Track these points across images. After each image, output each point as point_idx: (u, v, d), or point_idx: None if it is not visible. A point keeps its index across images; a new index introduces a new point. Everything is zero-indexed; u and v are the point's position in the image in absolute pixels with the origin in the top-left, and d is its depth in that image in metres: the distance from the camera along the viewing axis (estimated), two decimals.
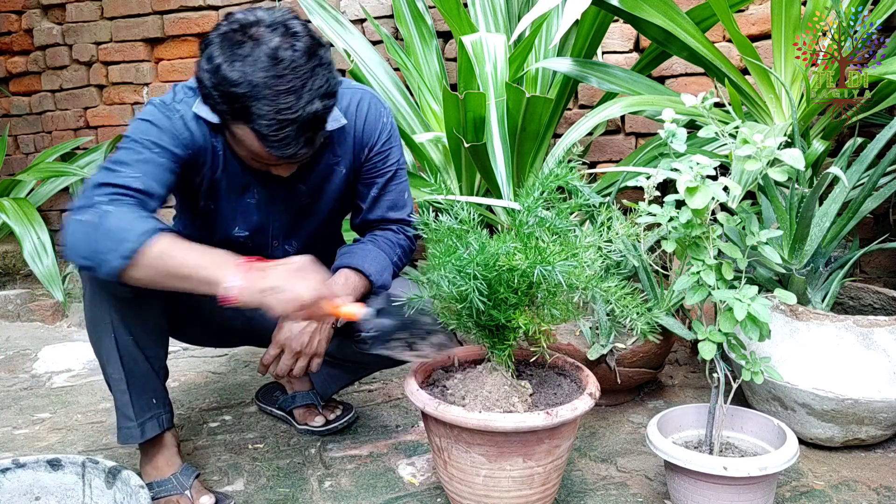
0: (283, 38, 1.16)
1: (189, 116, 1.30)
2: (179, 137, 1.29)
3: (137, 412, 1.36)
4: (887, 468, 1.49)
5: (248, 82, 1.14)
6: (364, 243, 1.52)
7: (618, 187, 1.79)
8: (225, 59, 1.16)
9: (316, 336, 1.40)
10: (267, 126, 1.16)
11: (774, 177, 1.18)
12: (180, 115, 1.30)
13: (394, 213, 1.53)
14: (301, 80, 1.16)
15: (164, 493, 1.37)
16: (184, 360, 2.19)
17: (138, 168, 1.22)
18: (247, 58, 1.15)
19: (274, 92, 1.14)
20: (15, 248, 2.82)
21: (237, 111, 1.17)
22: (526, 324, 1.19)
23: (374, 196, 1.51)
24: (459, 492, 1.24)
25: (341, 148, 1.44)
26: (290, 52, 1.16)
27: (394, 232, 1.54)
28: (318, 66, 1.19)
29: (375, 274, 1.44)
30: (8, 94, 3.32)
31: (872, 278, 2.33)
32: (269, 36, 1.16)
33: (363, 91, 1.48)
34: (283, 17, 1.20)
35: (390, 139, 1.49)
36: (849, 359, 1.44)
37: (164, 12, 2.96)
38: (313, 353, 1.40)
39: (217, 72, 1.16)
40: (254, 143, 1.21)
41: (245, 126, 1.19)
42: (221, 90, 1.17)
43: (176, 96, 1.33)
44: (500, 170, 1.94)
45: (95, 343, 1.35)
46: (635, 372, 1.72)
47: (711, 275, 1.19)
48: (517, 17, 2.29)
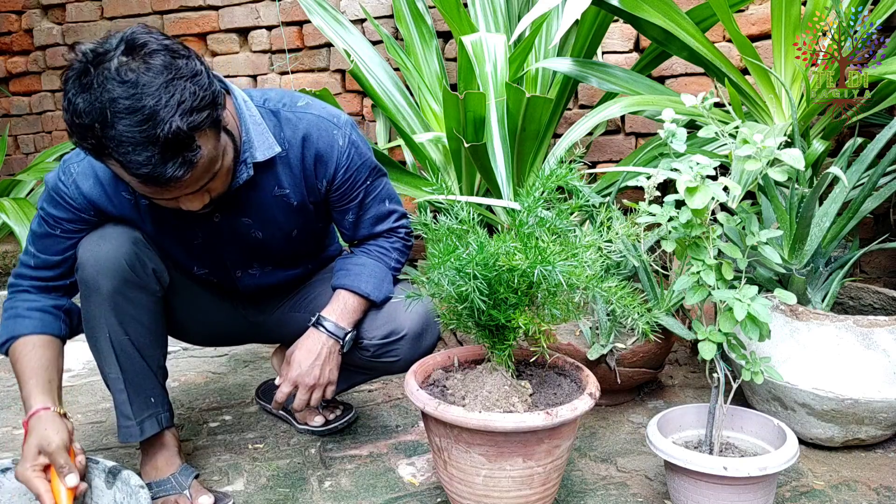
0: (128, 57, 1.06)
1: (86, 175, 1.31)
2: (74, 205, 1.32)
3: (136, 411, 1.37)
4: (887, 468, 1.49)
5: (95, 109, 1.04)
6: (357, 256, 1.50)
7: (618, 187, 1.79)
8: (75, 92, 1.06)
9: (326, 367, 1.42)
10: (125, 153, 1.05)
11: (774, 177, 1.18)
12: (73, 178, 1.31)
13: (380, 227, 1.49)
14: (154, 99, 1.04)
15: (162, 492, 1.37)
16: (184, 360, 2.19)
17: (40, 244, 1.35)
18: (93, 86, 1.04)
19: (124, 114, 1.03)
20: (15, 248, 2.82)
21: (97, 146, 1.07)
22: (526, 324, 1.19)
23: (353, 221, 1.47)
24: (459, 492, 1.24)
25: (287, 178, 1.37)
26: (137, 71, 1.05)
27: (385, 238, 1.52)
28: (174, 79, 1.06)
29: (374, 291, 1.45)
30: (8, 94, 3.32)
31: (872, 278, 2.33)
32: (112, 57, 1.05)
33: (309, 120, 1.36)
34: (130, 33, 1.09)
35: (350, 163, 1.38)
36: (849, 359, 1.44)
37: (164, 12, 2.96)
38: (327, 383, 1.43)
39: (69, 108, 1.07)
40: (127, 177, 1.10)
41: (112, 161, 1.09)
42: (77, 125, 1.07)
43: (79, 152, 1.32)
44: (500, 170, 1.94)
45: (92, 343, 1.35)
46: (635, 372, 1.72)
47: (711, 275, 1.19)
48: (517, 17, 2.29)
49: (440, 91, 2.17)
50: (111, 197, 1.32)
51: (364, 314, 1.47)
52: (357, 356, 1.50)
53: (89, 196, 1.31)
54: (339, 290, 1.45)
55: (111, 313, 1.31)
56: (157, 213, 1.35)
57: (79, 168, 1.31)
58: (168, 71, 1.06)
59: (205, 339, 1.65)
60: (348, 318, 1.43)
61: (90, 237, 1.32)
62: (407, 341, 1.45)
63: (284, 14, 2.84)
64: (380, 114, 2.70)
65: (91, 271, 1.29)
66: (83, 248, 1.31)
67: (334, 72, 2.87)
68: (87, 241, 1.32)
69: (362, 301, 1.45)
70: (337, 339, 1.42)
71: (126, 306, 1.32)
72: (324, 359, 1.41)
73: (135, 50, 1.07)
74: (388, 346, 1.46)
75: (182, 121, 1.05)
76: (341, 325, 1.42)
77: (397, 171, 2.15)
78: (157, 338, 1.40)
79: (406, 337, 1.44)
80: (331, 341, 1.42)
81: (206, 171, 1.15)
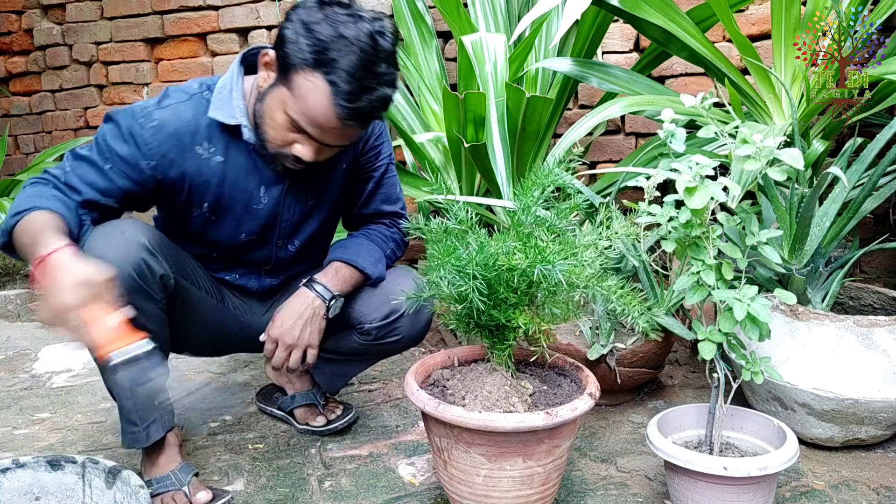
0: (376, 26, 1.21)
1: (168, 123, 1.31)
2: (143, 149, 1.31)
3: (142, 416, 1.36)
4: (887, 468, 1.49)
5: (347, 38, 1.18)
6: (357, 237, 1.56)
7: (618, 187, 1.79)
8: (324, 18, 1.20)
9: (307, 328, 1.43)
10: (347, 82, 1.19)
11: (774, 177, 1.18)
12: (154, 123, 1.31)
13: (387, 207, 1.57)
14: (387, 64, 1.22)
15: (162, 489, 1.37)
16: (184, 360, 2.19)
17: (80, 168, 1.30)
18: (347, 24, 1.19)
19: (369, 56, 1.19)
20: None
21: (321, 59, 1.19)
22: (526, 323, 1.19)
23: (370, 190, 1.55)
24: (459, 492, 1.24)
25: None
26: (381, 40, 1.21)
27: (386, 226, 1.58)
28: (395, 63, 1.25)
29: (370, 266, 1.49)
30: (8, 94, 3.32)
31: (872, 278, 2.33)
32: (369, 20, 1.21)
33: None
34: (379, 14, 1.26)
35: (382, 133, 1.52)
36: (849, 359, 1.44)
37: (164, 12, 2.96)
38: (307, 345, 1.44)
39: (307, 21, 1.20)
40: (319, 97, 1.21)
41: (320, 76, 1.20)
42: (313, 37, 1.19)
43: (161, 103, 1.34)
44: (499, 170, 1.94)
45: None
46: (635, 372, 1.72)
47: (711, 275, 1.19)
48: (517, 17, 2.29)
49: (440, 91, 2.16)
50: (185, 151, 1.34)
51: (355, 289, 1.49)
52: (358, 341, 1.52)
53: (164, 145, 1.32)
54: (334, 261, 1.49)
55: None
56: (229, 171, 1.37)
57: (162, 115, 1.32)
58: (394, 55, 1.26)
59: (204, 349, 1.64)
60: (339, 284, 1.46)
61: (94, 243, 1.26)
62: (406, 318, 1.49)
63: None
64: None
65: None
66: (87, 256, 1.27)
67: None
68: (91, 248, 1.25)
69: (356, 273, 1.48)
70: (323, 300, 1.44)
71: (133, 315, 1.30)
72: (306, 319, 1.42)
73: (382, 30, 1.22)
74: (388, 327, 1.50)
75: (391, 92, 1.25)
76: (329, 288, 1.45)
77: (397, 171, 2.14)
78: (162, 344, 1.39)
79: (406, 314, 1.48)
80: (317, 301, 1.44)
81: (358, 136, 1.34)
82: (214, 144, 1.36)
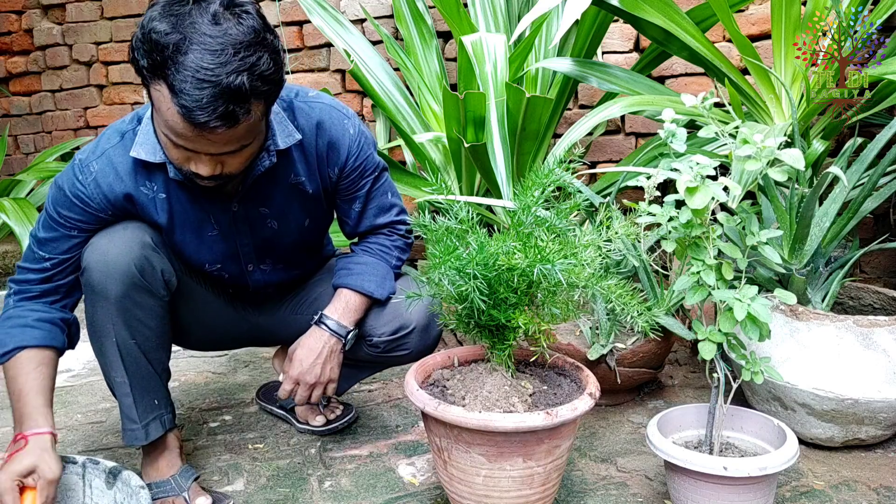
0: (226, 10, 1.10)
1: (105, 173, 1.29)
2: (92, 205, 1.30)
3: (141, 414, 1.36)
4: (887, 468, 1.49)
5: (177, 32, 1.07)
6: (359, 255, 1.51)
7: (618, 187, 1.79)
8: (161, 14, 1.09)
9: (327, 365, 1.44)
10: (182, 80, 1.06)
11: (774, 177, 1.18)
12: (93, 177, 1.29)
13: (382, 218, 1.51)
14: (234, 49, 1.07)
15: (161, 493, 1.37)
16: (184, 360, 2.19)
17: (48, 248, 1.32)
18: (183, 15, 1.08)
19: (202, 48, 1.06)
20: (15, 248, 2.82)
21: (157, 63, 1.08)
22: (526, 323, 1.19)
23: (359, 210, 1.49)
24: (459, 492, 1.24)
25: (302, 166, 1.39)
26: (231, 22, 1.09)
27: (386, 235, 1.53)
28: (258, 45, 1.10)
29: (377, 290, 1.47)
30: (8, 94, 3.32)
31: (872, 278, 2.33)
32: (213, 2, 1.10)
33: (321, 108, 1.39)
34: None
35: (360, 151, 1.42)
36: (849, 359, 1.44)
37: None
38: (327, 381, 1.45)
39: (147, 24, 1.09)
40: (169, 106, 1.09)
41: (163, 84, 1.09)
42: (148, 39, 1.08)
43: (97, 147, 1.32)
44: (500, 170, 1.94)
45: (97, 346, 1.34)
46: (635, 372, 1.72)
47: (711, 275, 1.19)
48: (517, 17, 2.29)
49: (440, 91, 2.17)
50: (131, 192, 1.31)
51: (366, 312, 1.48)
52: (367, 352, 1.52)
53: (110, 194, 1.30)
54: (342, 288, 1.46)
55: (118, 318, 1.29)
56: (175, 206, 1.34)
57: (98, 166, 1.30)
58: (256, 35, 1.10)
59: (206, 344, 1.65)
60: (350, 316, 1.44)
61: (97, 240, 1.29)
62: (416, 334, 1.48)
63: (284, 14, 2.84)
64: (380, 114, 2.70)
65: (99, 276, 1.27)
66: (90, 252, 1.28)
67: (334, 72, 2.87)
68: (93, 245, 1.29)
69: (364, 299, 1.46)
70: (339, 338, 1.43)
71: (134, 311, 1.30)
72: (325, 357, 1.42)
73: (234, 6, 1.11)
74: (397, 341, 1.49)
75: (248, 80, 1.08)
76: (343, 324, 1.43)
77: (397, 171, 2.15)
78: (162, 341, 1.39)
79: (415, 330, 1.47)
80: (333, 339, 1.43)
81: (240, 137, 1.16)
82: (154, 182, 1.32)
